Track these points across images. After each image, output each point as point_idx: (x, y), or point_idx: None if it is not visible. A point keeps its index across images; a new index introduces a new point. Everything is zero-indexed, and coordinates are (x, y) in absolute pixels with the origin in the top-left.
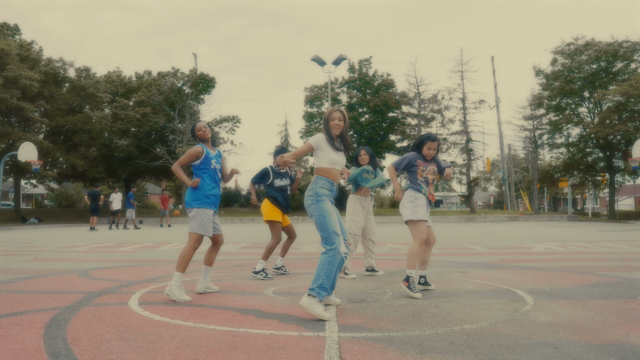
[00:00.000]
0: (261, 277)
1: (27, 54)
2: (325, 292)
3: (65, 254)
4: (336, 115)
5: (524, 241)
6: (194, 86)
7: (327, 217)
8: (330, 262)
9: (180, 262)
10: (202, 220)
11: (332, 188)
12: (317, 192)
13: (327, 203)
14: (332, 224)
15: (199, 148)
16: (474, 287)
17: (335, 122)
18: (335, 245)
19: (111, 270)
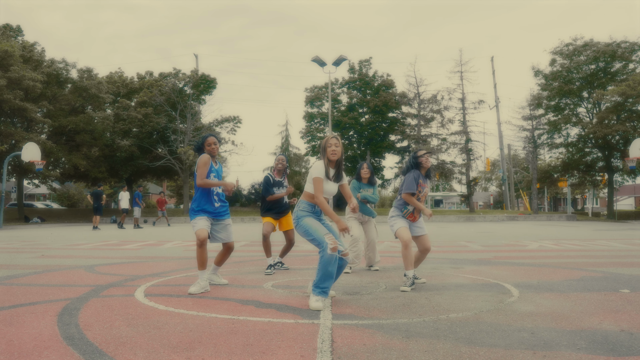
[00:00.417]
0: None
1: (30, 55)
2: (318, 288)
3: (70, 251)
4: (332, 142)
5: (519, 239)
6: (195, 87)
7: (309, 228)
8: (322, 262)
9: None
10: (196, 224)
11: (314, 210)
12: (297, 215)
13: (308, 218)
14: (315, 230)
15: (207, 156)
16: (465, 281)
17: (332, 149)
18: (323, 248)
19: (116, 266)
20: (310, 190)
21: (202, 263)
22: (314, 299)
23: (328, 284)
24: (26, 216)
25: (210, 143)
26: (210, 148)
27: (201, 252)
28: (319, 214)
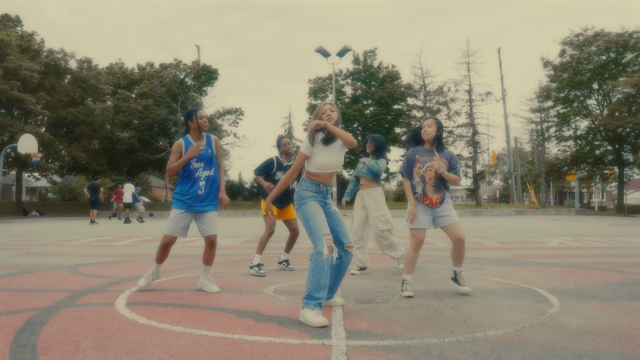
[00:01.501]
0: (254, 272)
1: (27, 45)
2: (313, 300)
3: (59, 247)
4: (327, 107)
5: (536, 235)
6: (197, 78)
7: (310, 218)
8: (314, 268)
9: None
10: (169, 222)
11: (318, 189)
12: (300, 195)
13: (311, 204)
14: (316, 224)
15: (180, 141)
16: (491, 285)
17: (327, 115)
18: (317, 248)
19: (103, 265)
20: (312, 169)
21: (160, 259)
22: (312, 314)
23: (323, 294)
24: (24, 209)
25: (201, 115)
26: (202, 121)
27: (162, 252)
28: (324, 194)
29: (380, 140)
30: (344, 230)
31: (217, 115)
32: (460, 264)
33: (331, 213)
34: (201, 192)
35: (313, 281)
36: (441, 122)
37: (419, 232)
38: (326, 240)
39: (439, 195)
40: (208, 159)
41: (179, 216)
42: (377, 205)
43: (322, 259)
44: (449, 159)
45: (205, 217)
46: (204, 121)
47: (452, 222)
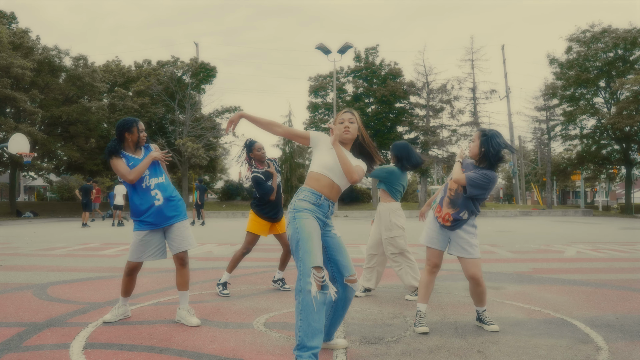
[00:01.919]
0: (217, 292)
1: (20, 41)
2: (306, 351)
3: (37, 259)
4: (346, 117)
5: (549, 243)
6: (195, 75)
7: (300, 241)
8: (301, 310)
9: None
10: (130, 247)
11: (319, 201)
12: (295, 206)
13: (307, 221)
14: (306, 251)
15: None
16: (517, 314)
17: (345, 125)
18: (301, 283)
19: (77, 285)
20: (314, 168)
21: (126, 292)
22: None
23: (318, 342)
24: (18, 210)
25: (142, 128)
26: (143, 135)
27: (127, 282)
28: (325, 210)
29: (399, 148)
30: (345, 260)
31: (215, 113)
32: (482, 304)
33: (331, 237)
34: (159, 202)
35: (303, 326)
36: (493, 136)
37: (432, 252)
38: (315, 274)
39: (452, 211)
40: (153, 165)
41: (143, 240)
42: (386, 224)
43: (309, 297)
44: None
45: (172, 232)
46: (145, 135)
47: (466, 256)
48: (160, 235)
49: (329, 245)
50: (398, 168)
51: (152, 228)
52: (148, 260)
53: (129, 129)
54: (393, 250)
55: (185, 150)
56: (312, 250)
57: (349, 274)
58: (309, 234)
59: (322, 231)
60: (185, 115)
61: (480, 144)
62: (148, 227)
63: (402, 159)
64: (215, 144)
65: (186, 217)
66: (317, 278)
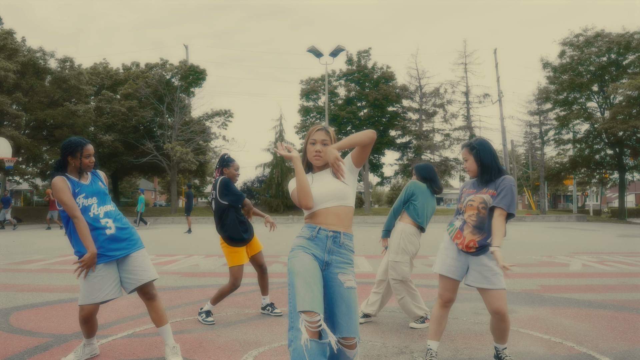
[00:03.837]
0: (200, 319)
1: (3, 43)
2: None
3: (8, 275)
4: (319, 137)
5: (551, 254)
6: (184, 78)
7: (289, 284)
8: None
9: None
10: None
11: (313, 234)
12: (293, 244)
13: (295, 260)
14: (293, 295)
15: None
16: (538, 348)
17: (316, 149)
18: (291, 331)
19: (44, 309)
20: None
21: (89, 334)
22: None
23: None
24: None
25: (88, 154)
26: (87, 161)
27: (86, 328)
28: (322, 242)
29: (426, 169)
30: (342, 317)
31: (205, 117)
32: (504, 340)
33: (333, 283)
34: (110, 230)
35: None
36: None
37: (446, 283)
38: (305, 319)
39: (478, 238)
40: (102, 192)
41: (99, 276)
42: (394, 246)
43: (300, 349)
44: (497, 188)
45: (129, 263)
46: (91, 161)
47: (490, 287)
48: (115, 269)
49: (328, 291)
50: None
51: (107, 260)
52: (104, 300)
53: (72, 152)
54: (395, 276)
55: (174, 154)
56: (299, 291)
57: (342, 335)
58: (297, 272)
59: (325, 271)
60: (174, 118)
61: (475, 159)
62: (102, 259)
63: (430, 181)
64: (204, 148)
65: (143, 247)
66: (309, 324)
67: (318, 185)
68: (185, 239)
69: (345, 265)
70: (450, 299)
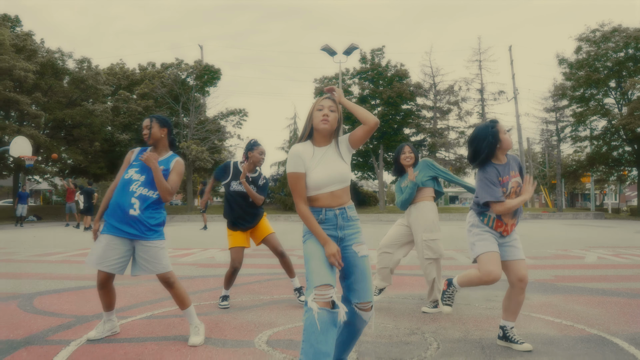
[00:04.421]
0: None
1: (23, 44)
2: None
3: (31, 265)
4: (326, 103)
5: (567, 247)
6: (199, 78)
7: (305, 262)
8: (304, 330)
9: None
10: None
11: (322, 217)
12: (304, 230)
13: (308, 243)
14: (309, 271)
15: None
16: (549, 330)
17: (324, 113)
18: (306, 302)
19: (67, 294)
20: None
21: (106, 306)
22: None
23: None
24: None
25: (144, 127)
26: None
27: (102, 295)
28: (332, 221)
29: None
30: (357, 283)
31: (220, 116)
32: (515, 317)
33: (349, 254)
34: (134, 212)
35: (304, 348)
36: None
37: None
38: (316, 292)
39: (515, 220)
40: (151, 177)
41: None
42: (428, 224)
43: (312, 317)
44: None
45: (145, 251)
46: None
47: (517, 257)
48: (126, 248)
49: (344, 262)
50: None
51: (112, 233)
52: (104, 269)
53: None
54: (430, 255)
55: (190, 153)
56: (314, 268)
57: (360, 301)
58: (312, 253)
59: (340, 246)
60: (189, 117)
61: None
62: (111, 231)
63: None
64: (220, 146)
65: (163, 237)
66: (319, 296)
67: (322, 168)
68: (201, 234)
69: (356, 235)
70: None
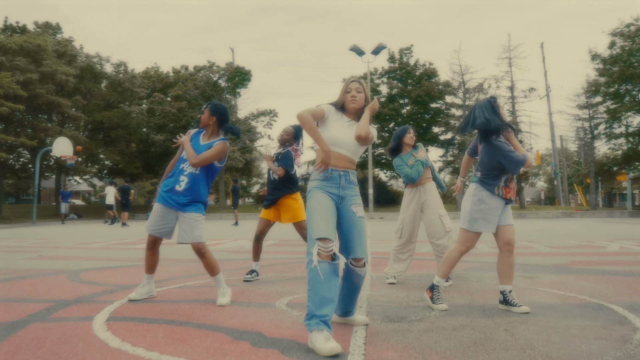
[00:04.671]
0: (250, 278)
1: (64, 50)
2: (315, 319)
3: (74, 251)
4: (353, 86)
5: (591, 239)
6: (230, 79)
7: (307, 217)
8: (309, 280)
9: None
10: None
11: (327, 175)
12: (309, 186)
13: (312, 199)
14: (311, 225)
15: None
16: (551, 299)
17: (352, 95)
18: (308, 254)
19: (108, 271)
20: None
21: (149, 267)
22: (321, 338)
23: (328, 310)
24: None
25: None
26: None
27: (148, 255)
28: (336, 180)
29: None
30: (353, 241)
31: (251, 117)
32: (510, 280)
33: (346, 212)
34: (179, 187)
35: (311, 296)
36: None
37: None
38: (319, 245)
39: (514, 182)
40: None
41: (158, 213)
42: (438, 202)
43: (315, 268)
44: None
45: (183, 221)
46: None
47: (506, 222)
48: (173, 217)
49: (342, 219)
50: None
51: (162, 203)
52: (156, 234)
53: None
54: (449, 227)
55: None
56: (316, 222)
57: (354, 256)
58: (314, 208)
59: (340, 205)
60: None
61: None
62: (161, 200)
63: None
64: (250, 147)
65: (200, 212)
66: (322, 248)
67: (340, 129)
68: (232, 229)
69: (355, 198)
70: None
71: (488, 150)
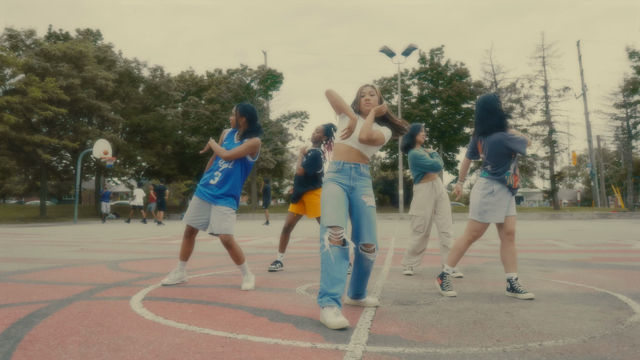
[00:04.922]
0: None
1: (104, 55)
2: (326, 296)
3: (113, 245)
4: (366, 90)
5: (620, 238)
6: (262, 82)
7: (322, 205)
8: (322, 263)
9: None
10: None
11: (339, 167)
12: (324, 178)
13: (328, 188)
14: (324, 214)
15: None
16: (559, 289)
17: (366, 99)
18: (320, 240)
19: (144, 262)
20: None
21: (183, 254)
22: (331, 313)
23: (338, 289)
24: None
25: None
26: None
27: (185, 243)
28: (348, 174)
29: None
30: (363, 228)
31: (282, 118)
32: (515, 267)
33: (357, 201)
34: (213, 181)
35: (323, 277)
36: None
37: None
38: (330, 232)
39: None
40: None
41: (195, 205)
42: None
43: (326, 252)
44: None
45: (213, 213)
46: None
47: (512, 213)
48: (207, 209)
49: (353, 207)
50: None
51: (198, 195)
52: (192, 225)
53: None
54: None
55: None
56: (327, 212)
57: (364, 242)
58: (326, 199)
59: (351, 195)
60: None
61: None
62: (198, 194)
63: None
64: (282, 148)
65: (231, 205)
66: (333, 235)
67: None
68: (262, 228)
69: (366, 188)
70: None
71: (492, 142)
